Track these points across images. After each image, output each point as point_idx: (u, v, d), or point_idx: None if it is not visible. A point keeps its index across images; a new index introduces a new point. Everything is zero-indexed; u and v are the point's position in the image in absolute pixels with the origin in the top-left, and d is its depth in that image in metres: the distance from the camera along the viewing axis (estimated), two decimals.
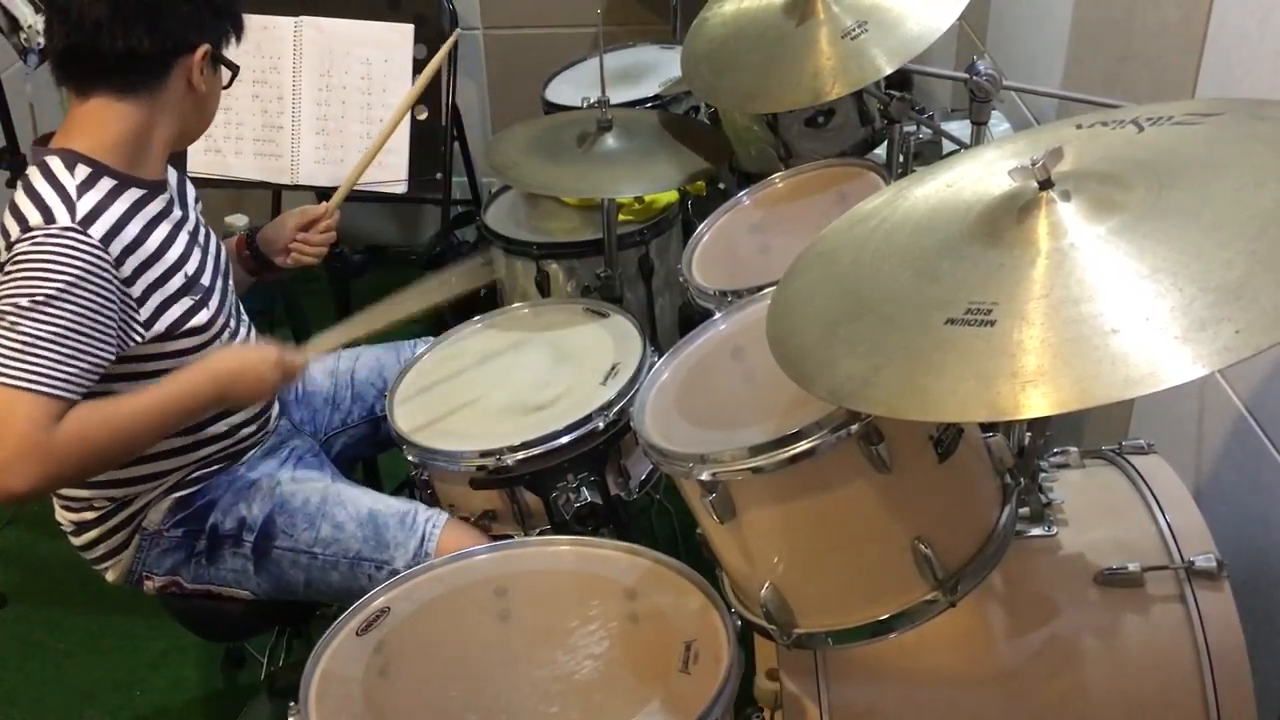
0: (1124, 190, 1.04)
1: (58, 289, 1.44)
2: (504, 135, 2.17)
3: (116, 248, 1.51)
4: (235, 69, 1.66)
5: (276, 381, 1.63)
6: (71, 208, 1.48)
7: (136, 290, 1.54)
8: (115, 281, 1.50)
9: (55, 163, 1.52)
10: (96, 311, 1.47)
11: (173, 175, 1.71)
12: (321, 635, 1.38)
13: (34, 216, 1.47)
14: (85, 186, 1.51)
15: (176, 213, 1.66)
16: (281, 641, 2.09)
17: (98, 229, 1.49)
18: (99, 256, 1.48)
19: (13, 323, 1.43)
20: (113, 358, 1.51)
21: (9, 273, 1.46)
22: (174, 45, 1.54)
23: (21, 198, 1.50)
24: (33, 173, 1.52)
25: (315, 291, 3.09)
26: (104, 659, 2.40)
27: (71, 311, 1.45)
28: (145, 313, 1.55)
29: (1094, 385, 0.90)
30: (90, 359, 1.47)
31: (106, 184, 1.53)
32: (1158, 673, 1.29)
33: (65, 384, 1.44)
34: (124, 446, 1.53)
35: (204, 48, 1.56)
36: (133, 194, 1.56)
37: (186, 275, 1.61)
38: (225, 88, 1.67)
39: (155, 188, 1.62)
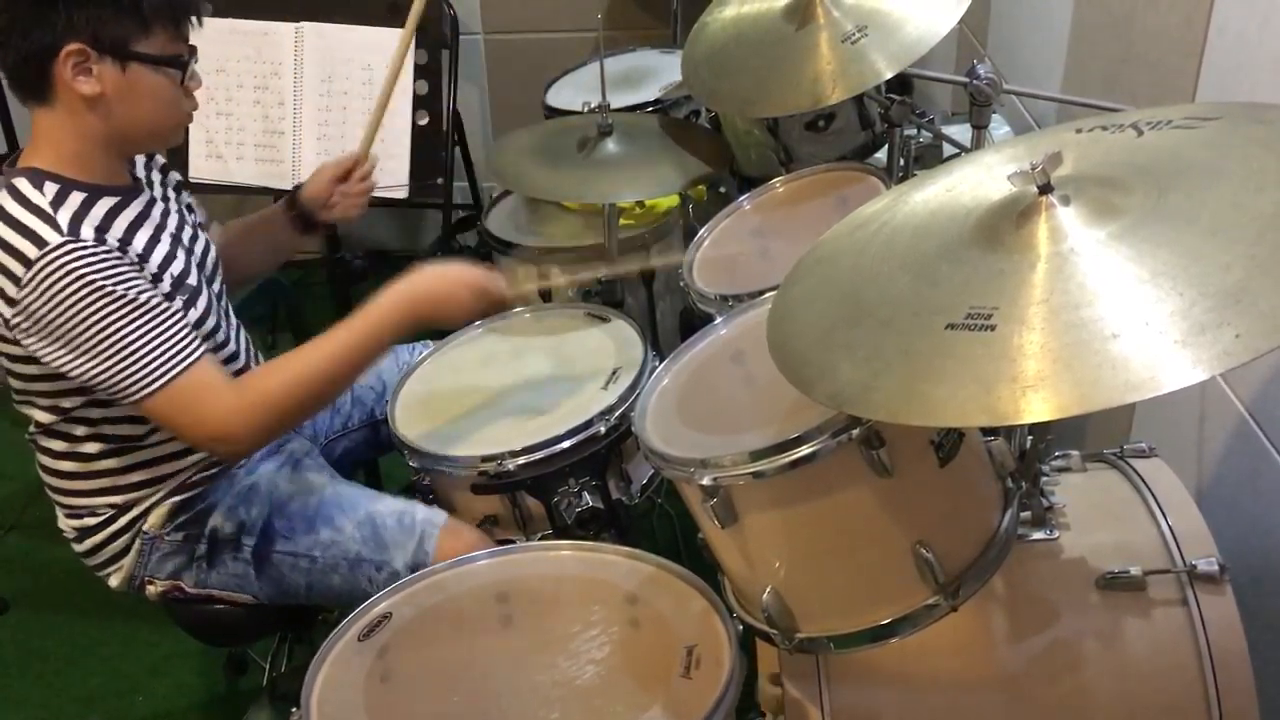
0: (1124, 194, 1.05)
1: (101, 291, 1.44)
2: (505, 140, 2.17)
3: (112, 239, 1.51)
4: (173, 62, 1.53)
5: (476, 309, 1.66)
6: (54, 223, 1.47)
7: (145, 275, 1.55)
8: (132, 262, 1.51)
9: (23, 184, 1.50)
10: (143, 282, 1.49)
11: (158, 177, 1.71)
12: (323, 641, 1.38)
13: (28, 248, 1.44)
14: (58, 201, 1.49)
15: (156, 215, 1.64)
16: (283, 647, 2.09)
17: (86, 230, 1.48)
18: (105, 250, 1.47)
19: (109, 342, 1.45)
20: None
21: (36, 313, 1.44)
22: (35, 50, 1.47)
23: (4, 229, 1.47)
24: (4, 199, 1.49)
25: (317, 296, 3.10)
26: (106, 665, 2.40)
27: (134, 295, 1.47)
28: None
29: (1094, 390, 0.90)
30: (180, 313, 1.52)
31: (78, 197, 1.52)
32: (1160, 677, 1.29)
33: (191, 345, 1.50)
34: (330, 379, 1.57)
35: (68, 48, 1.47)
36: (106, 202, 1.55)
37: (173, 276, 1.60)
38: (184, 83, 1.57)
39: (128, 192, 1.60)
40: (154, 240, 1.61)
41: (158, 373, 1.47)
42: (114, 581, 1.75)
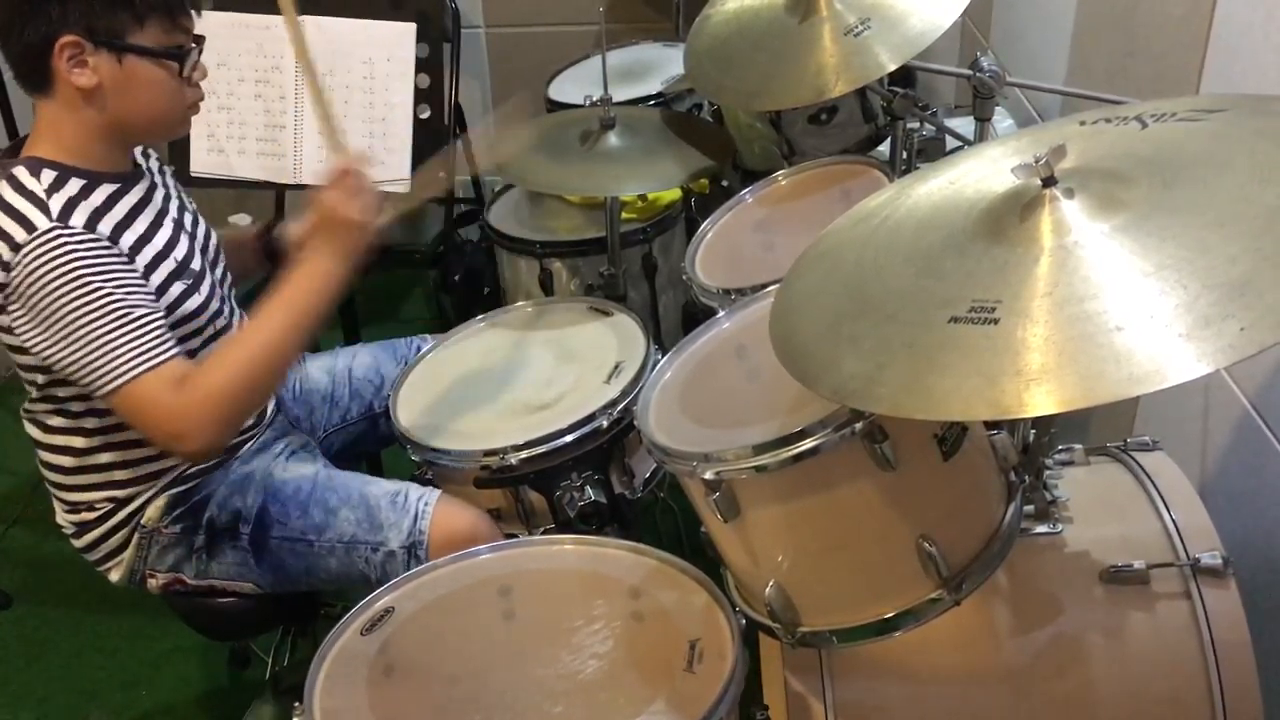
0: (1128, 187, 1.04)
1: (83, 280, 1.44)
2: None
3: (106, 227, 1.51)
4: (171, 54, 1.54)
5: (362, 208, 1.58)
6: (45, 209, 1.47)
7: (139, 266, 1.54)
8: (120, 255, 1.50)
9: (21, 172, 1.51)
10: (126, 277, 1.49)
11: (155, 165, 1.72)
12: (326, 635, 1.38)
13: (18, 232, 1.46)
14: (54, 188, 1.50)
15: (158, 200, 1.65)
16: (286, 641, 2.09)
17: (78, 218, 1.48)
18: (92, 239, 1.48)
19: (81, 333, 1.45)
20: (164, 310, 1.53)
21: (22, 296, 1.45)
22: (33, 42, 1.48)
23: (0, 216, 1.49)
24: (2, 187, 1.50)
25: None
26: (109, 658, 2.40)
27: (110, 289, 1.46)
28: (151, 286, 1.55)
29: (1098, 383, 0.90)
30: (159, 315, 1.50)
31: (76, 183, 1.52)
32: (1163, 670, 1.29)
33: (160, 347, 1.47)
34: (274, 360, 1.54)
35: (62, 40, 1.47)
36: (106, 189, 1.56)
37: (176, 260, 1.61)
38: (185, 75, 1.56)
39: (129, 178, 1.61)
40: (155, 225, 1.61)
41: (120, 369, 1.46)
42: (114, 576, 1.75)
